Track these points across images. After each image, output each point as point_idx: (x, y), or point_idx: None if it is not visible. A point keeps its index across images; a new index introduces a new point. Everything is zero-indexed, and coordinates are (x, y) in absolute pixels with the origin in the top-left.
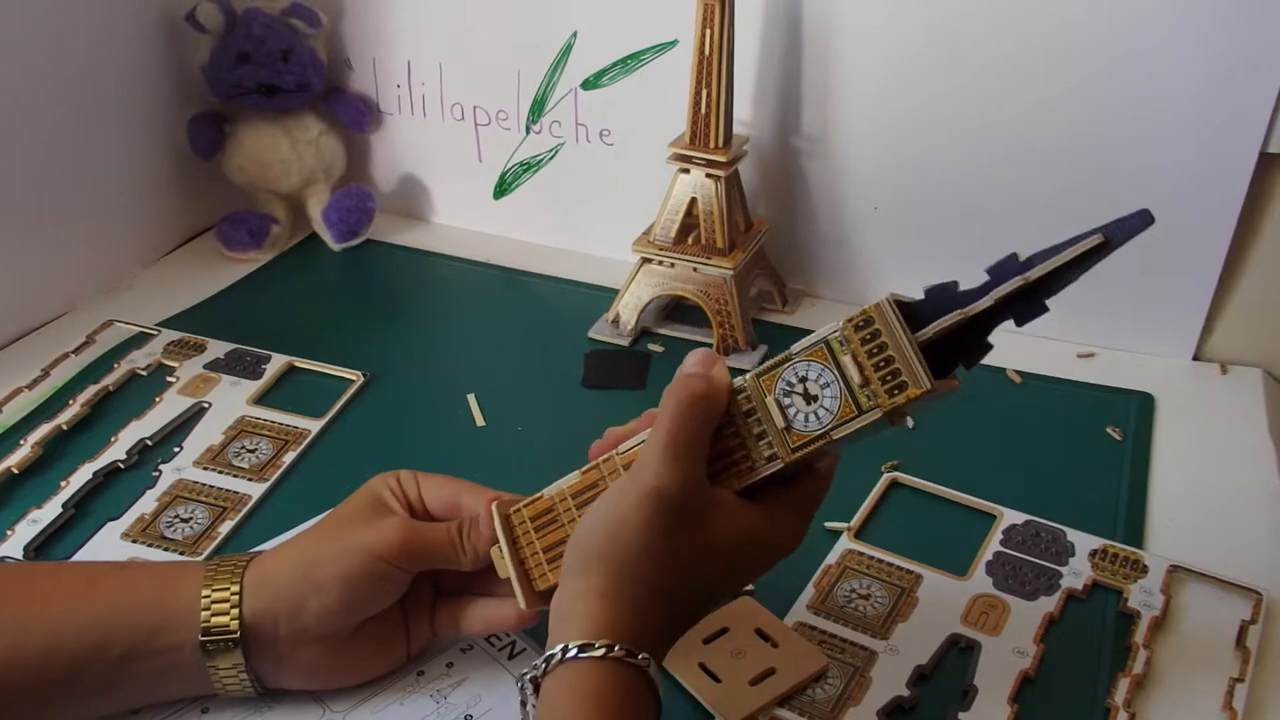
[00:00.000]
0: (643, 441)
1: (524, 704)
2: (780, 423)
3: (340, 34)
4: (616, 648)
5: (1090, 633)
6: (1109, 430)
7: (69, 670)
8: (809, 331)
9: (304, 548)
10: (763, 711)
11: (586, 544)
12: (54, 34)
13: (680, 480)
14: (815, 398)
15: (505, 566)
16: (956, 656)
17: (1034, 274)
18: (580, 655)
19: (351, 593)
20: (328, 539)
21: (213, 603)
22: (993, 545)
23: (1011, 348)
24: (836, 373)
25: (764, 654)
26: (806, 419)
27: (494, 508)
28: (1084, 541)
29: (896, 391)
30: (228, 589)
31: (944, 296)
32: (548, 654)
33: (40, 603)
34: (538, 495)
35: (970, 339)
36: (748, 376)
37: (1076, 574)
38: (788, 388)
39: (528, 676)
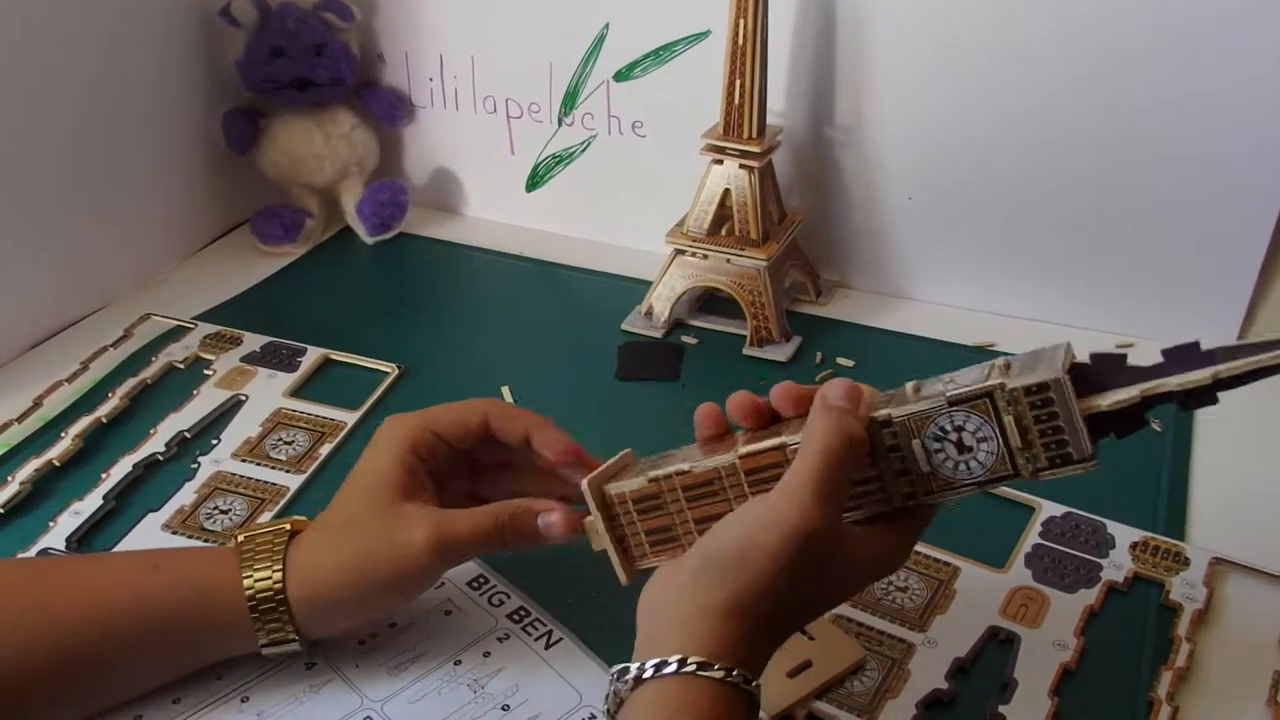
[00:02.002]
0: (770, 448)
1: (614, 693)
2: (925, 466)
3: (373, 28)
4: (735, 672)
5: (1132, 626)
6: (1149, 421)
7: (124, 656)
8: (843, 323)
9: (345, 569)
10: (800, 704)
11: (718, 561)
12: (88, 30)
13: (826, 523)
14: (970, 449)
15: (602, 540)
16: (996, 649)
17: (1224, 372)
18: (699, 672)
19: (399, 599)
20: (364, 557)
21: (263, 622)
22: (1031, 537)
23: (1049, 338)
24: (997, 429)
25: (801, 646)
26: (956, 467)
27: (587, 486)
28: (1124, 534)
29: (1060, 461)
30: (269, 572)
31: (1112, 367)
32: (660, 659)
33: (107, 590)
34: (639, 481)
35: (1130, 411)
36: (897, 413)
37: (1117, 566)
38: (940, 433)
39: (631, 674)
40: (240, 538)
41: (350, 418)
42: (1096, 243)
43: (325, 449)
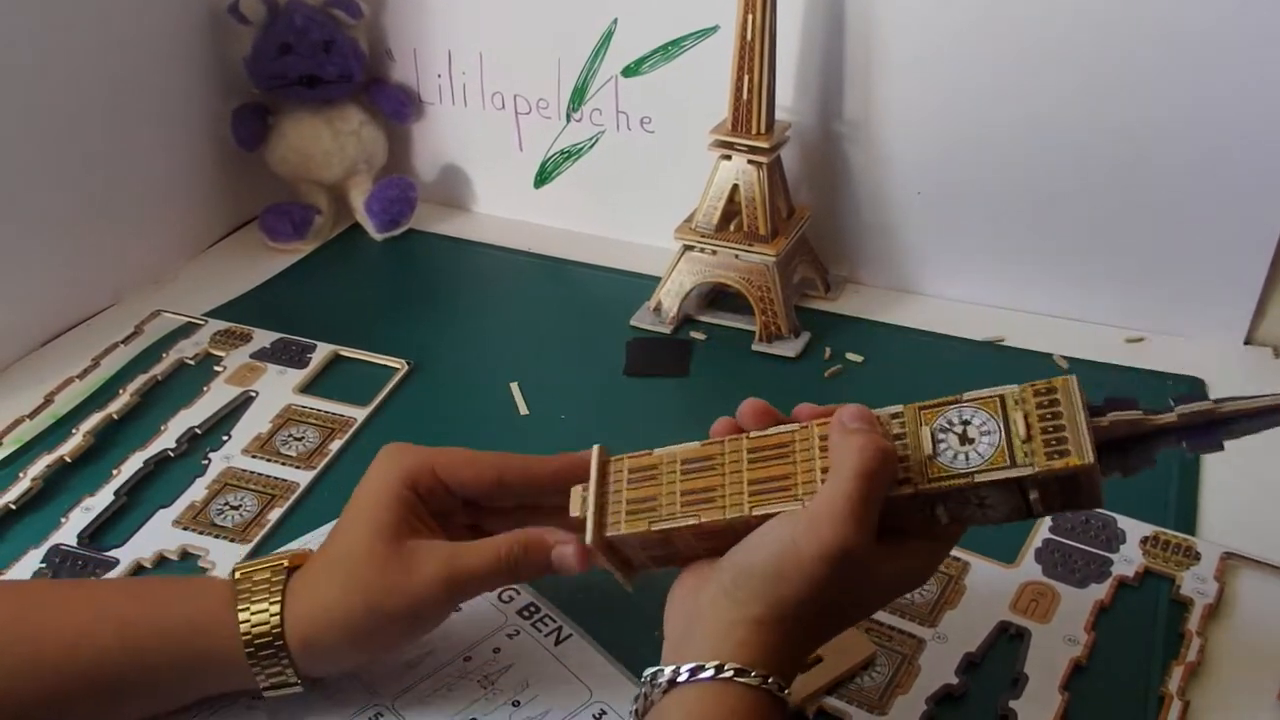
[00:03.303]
0: (780, 434)
1: (644, 695)
2: (927, 451)
3: (381, 24)
4: (770, 679)
5: (1142, 620)
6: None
7: (112, 695)
8: (852, 318)
9: (351, 611)
10: (811, 699)
11: (755, 575)
12: (98, 28)
13: (862, 543)
14: (972, 440)
15: (583, 505)
16: (1006, 644)
17: (1224, 408)
18: (736, 679)
19: (406, 639)
20: (372, 599)
21: (261, 664)
22: (1042, 532)
23: (1058, 333)
24: (1002, 425)
25: None
26: (955, 456)
27: (595, 450)
28: (1135, 528)
29: (1057, 456)
30: (266, 609)
31: (1124, 404)
32: (695, 664)
33: (78, 633)
34: (645, 451)
35: (1137, 451)
36: (908, 406)
37: (1128, 561)
38: (947, 425)
39: (665, 677)
40: (237, 574)
41: (360, 414)
42: (1106, 238)
43: (335, 445)
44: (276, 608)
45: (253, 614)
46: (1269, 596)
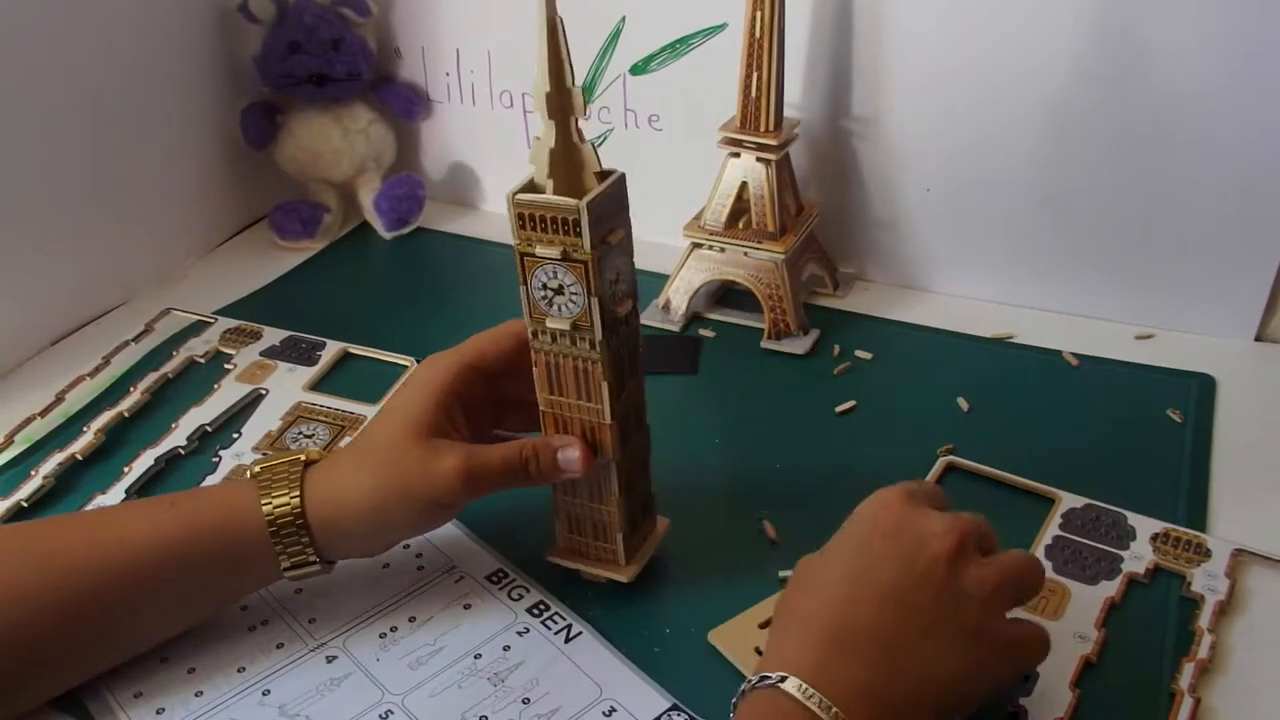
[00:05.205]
0: None
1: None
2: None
3: (390, 23)
4: (789, 680)
5: (1153, 617)
6: (1169, 413)
7: (146, 593)
8: (861, 315)
9: (368, 491)
10: None
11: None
12: (108, 27)
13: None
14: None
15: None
16: None
17: None
18: (758, 686)
19: (421, 527)
20: (391, 482)
21: (284, 545)
22: (1051, 529)
23: (1068, 330)
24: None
25: None
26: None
27: None
28: (1145, 525)
29: None
30: (286, 497)
31: None
32: (781, 674)
33: (124, 531)
34: None
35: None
36: None
37: (1138, 558)
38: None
39: (741, 688)
40: (256, 469)
41: (369, 411)
42: (1115, 234)
43: (345, 442)
44: (296, 497)
45: (275, 502)
46: None
